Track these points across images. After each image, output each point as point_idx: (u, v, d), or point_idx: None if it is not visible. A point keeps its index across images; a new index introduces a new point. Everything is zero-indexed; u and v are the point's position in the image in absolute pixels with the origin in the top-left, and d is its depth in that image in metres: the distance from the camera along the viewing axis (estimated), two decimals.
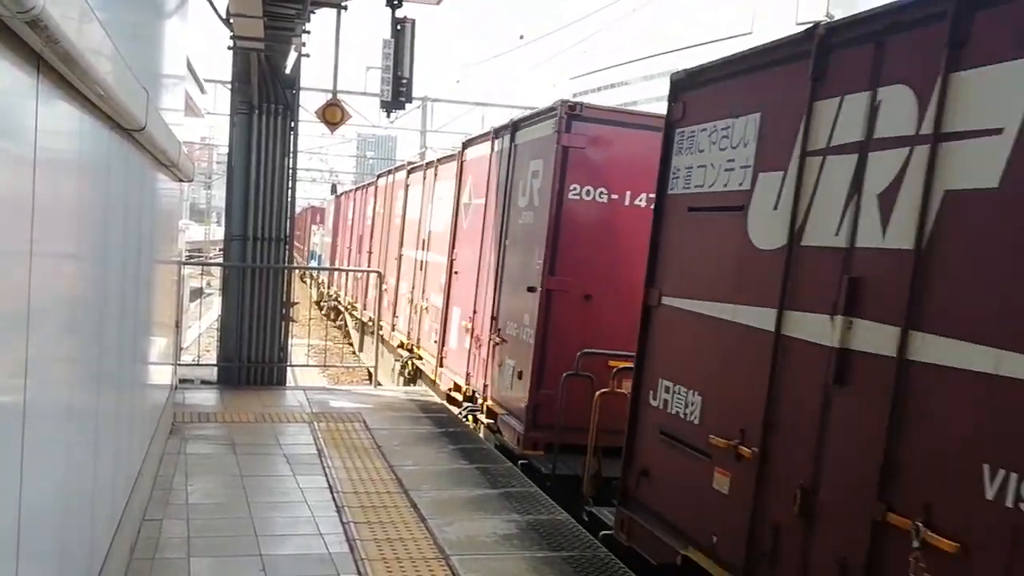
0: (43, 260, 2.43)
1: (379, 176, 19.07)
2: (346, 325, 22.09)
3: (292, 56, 10.26)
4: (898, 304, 3.61)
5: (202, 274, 24.99)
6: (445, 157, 12.94)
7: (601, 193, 7.87)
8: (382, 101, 11.13)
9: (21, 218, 2.20)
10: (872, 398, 3.73)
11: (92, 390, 3.54)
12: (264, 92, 10.09)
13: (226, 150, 11.13)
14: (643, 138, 7.41)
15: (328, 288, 26.71)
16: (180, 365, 10.34)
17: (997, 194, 3.24)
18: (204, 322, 21.51)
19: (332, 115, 10.98)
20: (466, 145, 11.45)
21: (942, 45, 3.52)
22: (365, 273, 17.82)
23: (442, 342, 11.26)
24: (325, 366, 17.62)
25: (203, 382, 10.94)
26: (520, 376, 8.19)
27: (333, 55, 10.70)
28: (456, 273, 10.95)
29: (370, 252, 18.29)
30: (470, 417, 9.58)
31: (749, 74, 4.98)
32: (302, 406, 9.33)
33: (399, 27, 10.33)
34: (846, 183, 4.02)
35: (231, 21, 9.16)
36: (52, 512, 2.83)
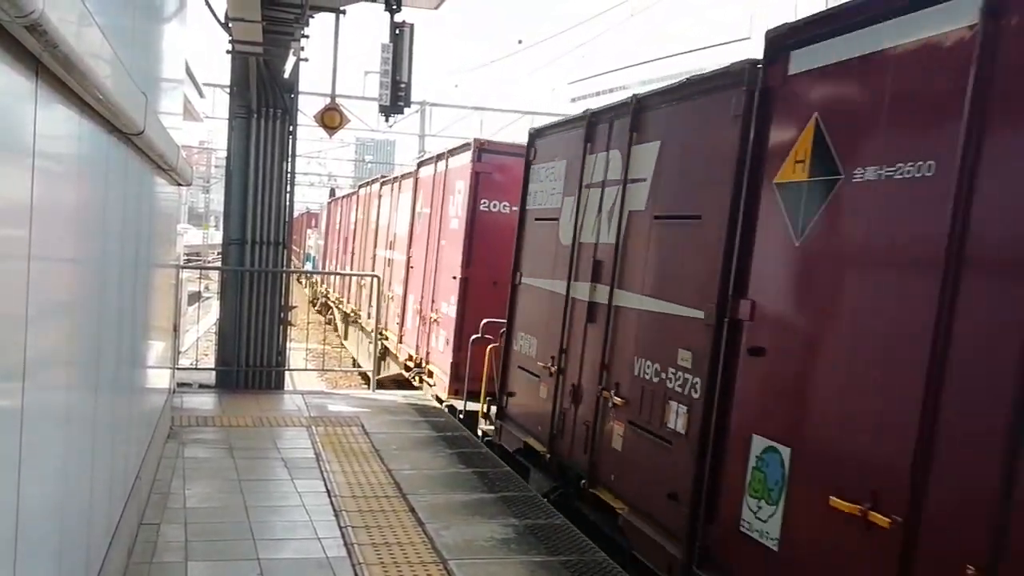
0: (40, 264, 2.43)
1: (360, 186, 21.75)
2: (335, 319, 24.44)
3: (291, 60, 10.27)
4: (611, 273, 6.40)
5: (200, 278, 24.96)
6: (406, 174, 15.05)
7: (504, 206, 10.52)
8: (381, 105, 11.14)
9: (19, 222, 2.20)
10: (601, 328, 6.51)
11: (90, 394, 3.54)
12: (263, 96, 10.10)
13: (225, 154, 11.14)
14: None
15: (320, 286, 29.69)
16: (178, 369, 10.32)
17: (645, 212, 6.08)
18: (202, 326, 21.49)
19: (331, 119, 10.98)
20: (420, 165, 13.90)
21: (628, 129, 6.37)
22: (362, 275, 18.79)
23: (401, 323, 13.60)
24: (323, 370, 17.60)
25: (201, 386, 10.94)
26: (447, 342, 10.80)
27: (332, 59, 10.71)
28: (412, 268, 13.14)
29: (352, 252, 20.79)
30: (417, 378, 12.05)
31: (561, 133, 7.94)
32: (300, 410, 9.32)
33: (397, 31, 10.35)
34: (596, 205, 6.84)
35: (230, 25, 9.18)
36: (49, 516, 2.82)
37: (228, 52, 9.84)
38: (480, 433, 9.39)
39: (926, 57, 3.69)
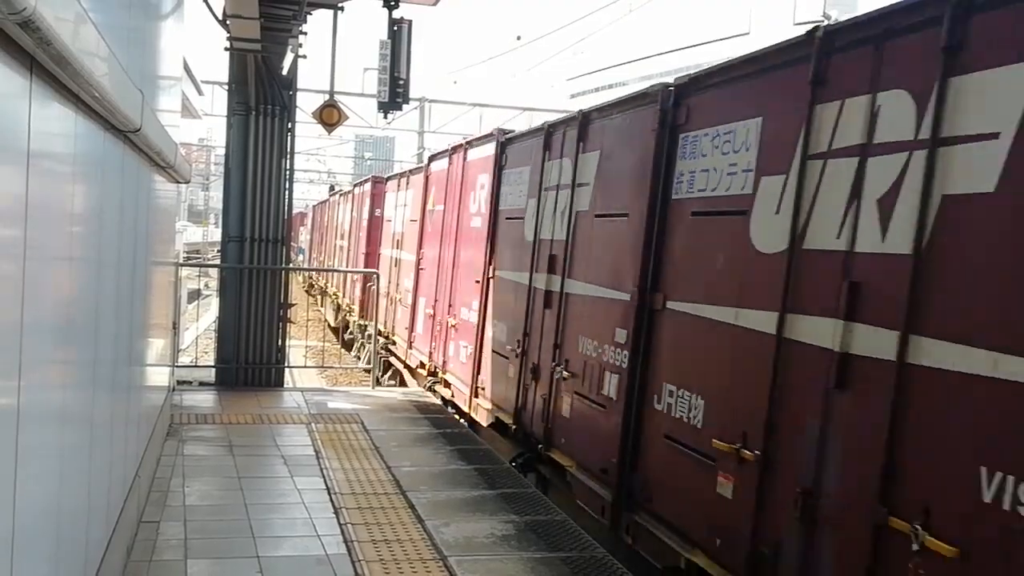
0: (36, 263, 2.42)
1: (354, 185, 23.54)
2: (326, 305, 27.13)
3: (289, 57, 10.25)
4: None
5: (200, 275, 24.96)
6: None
7: None
8: (379, 102, 11.14)
9: (13, 221, 2.19)
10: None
11: (87, 392, 3.53)
12: (261, 93, 10.08)
13: (224, 151, 11.12)
14: None
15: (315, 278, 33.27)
16: (178, 367, 10.32)
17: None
18: (202, 324, 21.49)
19: (329, 116, 10.98)
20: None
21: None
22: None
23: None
24: (323, 367, 17.60)
25: (201, 383, 10.95)
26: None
27: (330, 56, 10.70)
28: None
29: (335, 243, 25.31)
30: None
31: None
32: (300, 407, 9.32)
33: (396, 28, 10.33)
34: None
35: (227, 22, 9.16)
36: (47, 514, 2.82)
37: (226, 49, 9.83)
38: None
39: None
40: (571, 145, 7.31)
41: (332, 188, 37.18)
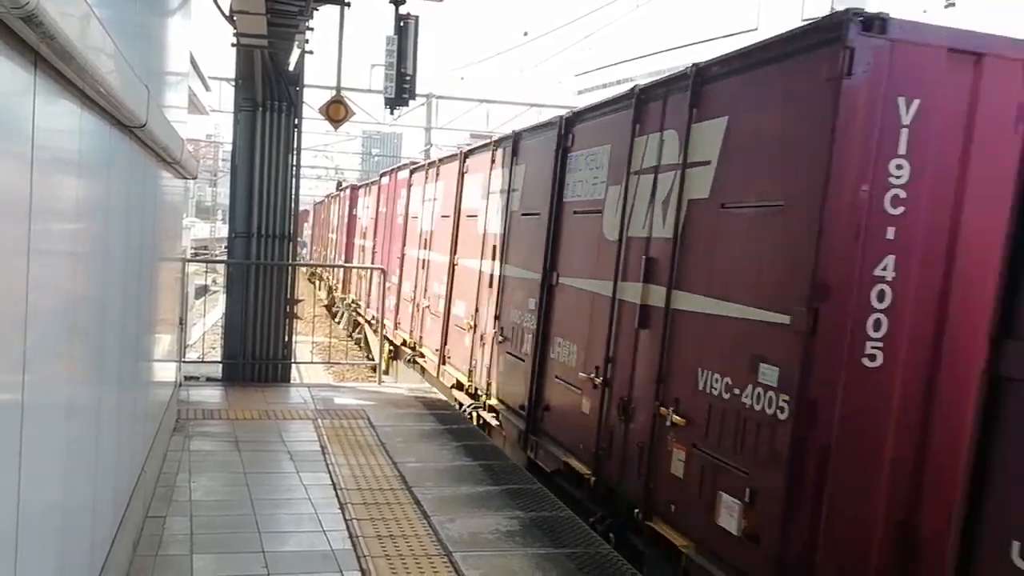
0: (41, 258, 2.42)
1: (326, 196, 28.26)
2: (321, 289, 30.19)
3: (296, 53, 10.26)
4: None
5: (207, 271, 25.03)
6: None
7: None
8: (386, 98, 11.13)
9: (18, 216, 2.20)
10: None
11: (93, 387, 3.54)
12: (268, 89, 10.08)
13: (231, 147, 11.14)
14: None
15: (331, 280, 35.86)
16: (185, 362, 10.35)
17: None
18: (209, 319, 21.55)
19: (336, 112, 10.98)
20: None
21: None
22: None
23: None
24: (329, 363, 17.63)
25: (208, 379, 10.97)
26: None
27: (337, 52, 10.69)
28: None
29: (329, 237, 28.64)
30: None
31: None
32: (306, 403, 9.34)
33: (402, 24, 10.32)
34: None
35: (234, 18, 9.16)
36: (53, 508, 2.83)
37: (233, 45, 9.83)
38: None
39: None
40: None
41: (339, 184, 37.30)
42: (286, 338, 10.53)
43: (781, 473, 4.30)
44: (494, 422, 9.13)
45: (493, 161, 9.67)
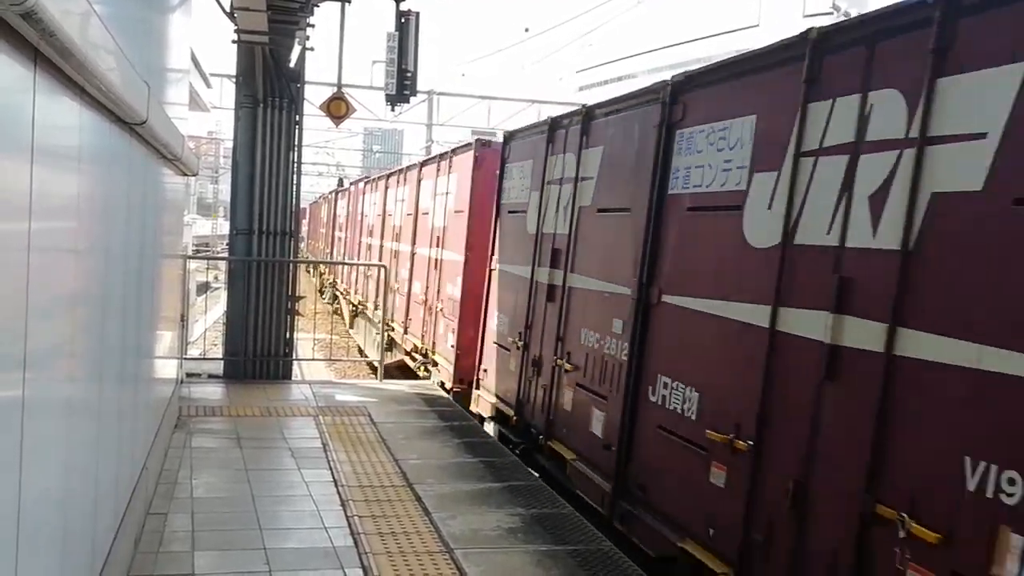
0: (41, 255, 2.42)
1: (320, 196, 30.78)
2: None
3: (296, 50, 10.25)
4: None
5: (208, 268, 25.03)
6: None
7: None
8: (387, 94, 11.12)
9: (17, 213, 2.19)
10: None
11: (94, 384, 3.54)
12: (269, 86, 10.07)
13: (232, 144, 11.13)
14: None
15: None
16: (186, 359, 10.35)
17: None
18: (211, 316, 21.56)
19: (337, 108, 10.98)
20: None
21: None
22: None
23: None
24: (331, 360, 17.65)
25: (209, 376, 10.97)
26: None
27: (338, 49, 10.69)
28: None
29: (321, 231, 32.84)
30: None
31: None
32: (308, 400, 9.34)
33: (403, 20, 10.31)
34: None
35: (235, 15, 9.15)
36: (53, 506, 2.83)
37: (234, 42, 9.83)
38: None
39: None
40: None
41: (341, 181, 37.42)
42: (287, 335, 10.53)
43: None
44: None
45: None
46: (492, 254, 9.51)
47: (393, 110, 11.57)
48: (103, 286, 3.60)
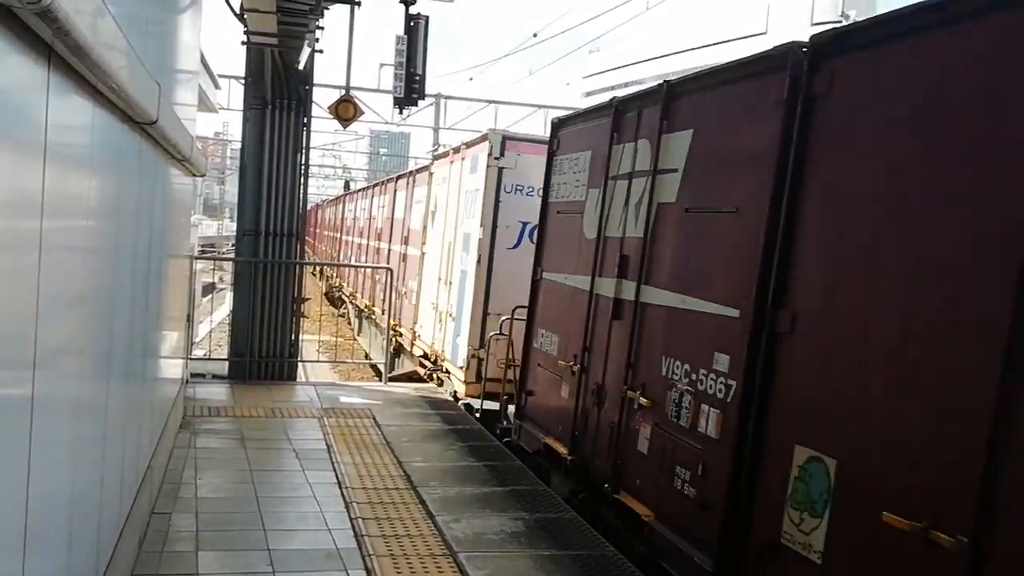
0: (52, 253, 2.42)
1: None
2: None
3: (305, 52, 10.27)
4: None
5: (214, 269, 25.05)
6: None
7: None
8: (395, 97, 11.14)
9: (29, 212, 2.20)
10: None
11: (101, 384, 3.55)
12: (277, 88, 10.10)
13: (240, 145, 11.16)
14: None
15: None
16: (192, 359, 10.37)
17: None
18: (216, 317, 21.57)
19: (345, 111, 11.00)
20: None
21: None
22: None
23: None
24: (336, 362, 17.65)
25: (214, 376, 10.98)
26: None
27: (346, 51, 10.71)
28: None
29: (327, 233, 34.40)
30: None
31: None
32: (312, 401, 9.34)
33: (412, 24, 10.33)
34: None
35: (244, 16, 9.18)
36: (59, 505, 2.83)
37: (243, 43, 9.85)
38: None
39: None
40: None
41: (347, 184, 37.50)
42: (292, 336, 10.54)
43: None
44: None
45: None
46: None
47: (401, 113, 11.57)
48: (112, 285, 3.61)
